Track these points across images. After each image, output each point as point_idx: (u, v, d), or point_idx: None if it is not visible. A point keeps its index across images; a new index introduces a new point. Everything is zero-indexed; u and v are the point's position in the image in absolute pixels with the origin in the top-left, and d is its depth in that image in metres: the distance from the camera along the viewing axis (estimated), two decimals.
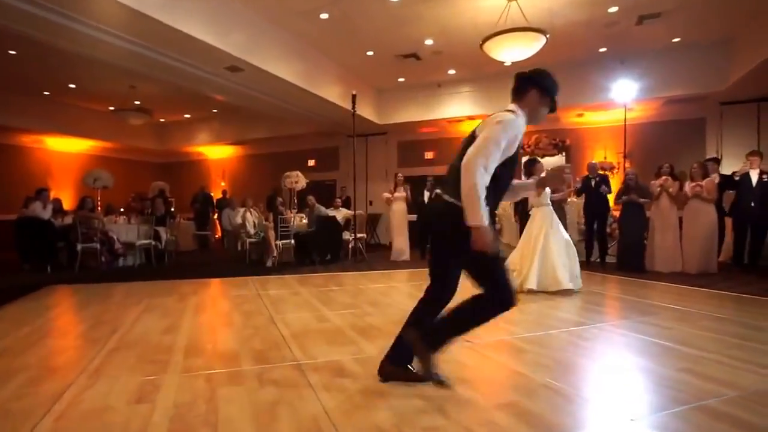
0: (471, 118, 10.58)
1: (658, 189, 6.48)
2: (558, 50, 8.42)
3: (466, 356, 2.74)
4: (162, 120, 13.90)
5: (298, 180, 9.36)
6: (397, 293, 5.08)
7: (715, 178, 6.41)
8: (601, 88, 8.51)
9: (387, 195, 8.48)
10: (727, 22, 7.29)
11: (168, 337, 3.12)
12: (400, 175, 8.54)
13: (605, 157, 9.24)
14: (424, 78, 10.32)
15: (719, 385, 2.22)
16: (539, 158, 5.64)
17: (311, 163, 13.89)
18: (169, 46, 6.62)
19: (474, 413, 1.92)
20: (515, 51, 6.48)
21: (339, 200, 9.72)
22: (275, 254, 7.67)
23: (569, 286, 4.78)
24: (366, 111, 10.85)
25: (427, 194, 8.45)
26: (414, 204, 8.49)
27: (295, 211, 9.24)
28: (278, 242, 7.79)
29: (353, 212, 9.05)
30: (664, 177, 6.50)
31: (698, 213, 6.23)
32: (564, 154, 10.07)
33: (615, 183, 8.25)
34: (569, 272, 4.86)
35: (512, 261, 5.11)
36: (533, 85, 2.16)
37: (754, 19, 6.99)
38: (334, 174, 13.33)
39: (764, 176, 6.26)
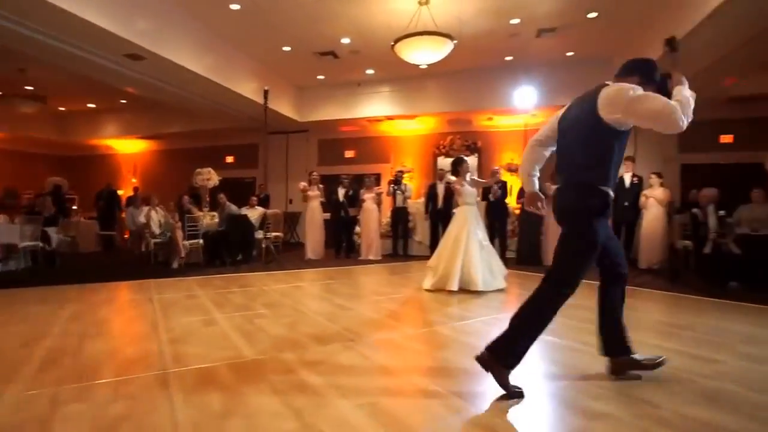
0: (390, 118, 10.71)
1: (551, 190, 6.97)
2: (469, 56, 8.77)
3: (344, 356, 2.73)
4: (61, 109, 12.61)
5: (210, 177, 8.90)
6: (299, 293, 4.99)
7: None
8: (507, 95, 8.98)
9: (303, 184, 8.34)
10: (608, 43, 7.96)
11: (25, 350, 2.81)
12: (315, 173, 8.44)
13: (512, 160, 9.76)
14: (343, 77, 10.27)
15: (565, 369, 2.42)
16: (465, 157, 5.51)
17: (230, 159, 13.37)
18: (58, 29, 5.99)
19: (331, 415, 1.91)
20: (424, 54, 6.64)
21: (255, 198, 9.39)
22: (182, 255, 7.24)
23: (483, 288, 4.72)
24: (285, 108, 10.61)
25: (342, 191, 8.44)
26: (329, 203, 8.44)
27: (207, 209, 8.79)
28: (186, 242, 7.36)
29: (269, 211, 8.81)
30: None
31: None
32: (477, 155, 10.51)
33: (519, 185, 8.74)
34: (487, 273, 4.84)
35: (433, 259, 5.11)
36: (637, 71, 2.18)
37: (627, 44, 7.70)
38: (253, 171, 12.87)
39: (635, 179, 6.98)
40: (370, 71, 9.89)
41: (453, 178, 5.23)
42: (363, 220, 8.20)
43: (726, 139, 9.11)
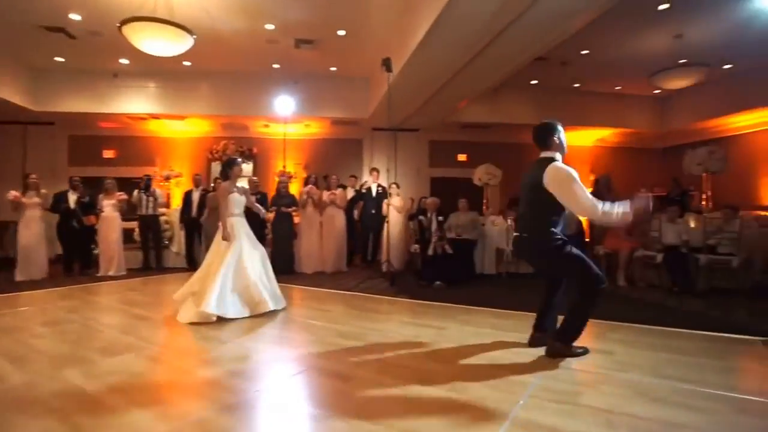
0: (155, 116, 9.23)
1: (305, 197, 6.74)
2: (236, 58, 8.08)
3: None
4: None
5: None
6: None
7: (348, 190, 7.10)
8: (274, 102, 8.53)
9: (15, 193, 6.31)
10: (364, 62, 8.13)
11: None
12: (33, 176, 6.52)
13: (284, 167, 9.35)
14: (92, 63, 8.38)
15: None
16: (239, 159, 4.33)
17: None
18: None
19: None
20: (159, 44, 5.66)
21: None
22: None
23: (271, 307, 3.88)
24: (8, 92, 8.16)
25: (73, 197, 6.74)
26: (55, 211, 6.64)
27: None
28: None
29: None
30: (310, 186, 6.80)
31: (332, 219, 6.75)
32: (252, 162, 9.82)
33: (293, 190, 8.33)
34: (264, 291, 3.92)
35: (193, 279, 3.90)
36: (555, 133, 2.71)
37: (376, 65, 7.99)
38: None
39: (380, 188, 7.28)
40: (124, 60, 8.27)
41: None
42: (102, 230, 6.67)
43: (462, 157, 10.46)
